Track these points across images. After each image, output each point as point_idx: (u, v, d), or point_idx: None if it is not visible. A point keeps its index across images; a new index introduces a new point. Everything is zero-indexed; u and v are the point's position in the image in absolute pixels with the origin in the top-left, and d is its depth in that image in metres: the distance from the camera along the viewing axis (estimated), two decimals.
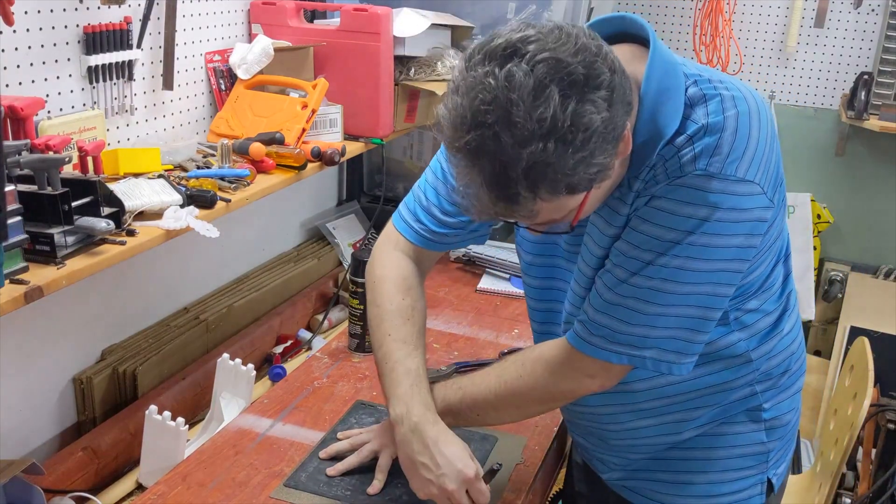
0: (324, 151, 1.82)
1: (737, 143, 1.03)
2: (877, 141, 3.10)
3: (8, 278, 1.19)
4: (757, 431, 1.27)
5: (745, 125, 1.05)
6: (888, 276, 3.17)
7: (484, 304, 2.12)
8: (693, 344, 1.12)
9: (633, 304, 1.09)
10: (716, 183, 1.03)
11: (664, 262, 1.06)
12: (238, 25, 2.01)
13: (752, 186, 1.04)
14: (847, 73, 3.15)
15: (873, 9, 3.07)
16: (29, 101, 1.40)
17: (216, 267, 2.10)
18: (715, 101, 1.06)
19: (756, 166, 1.05)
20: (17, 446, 1.57)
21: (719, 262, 1.07)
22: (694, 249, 1.05)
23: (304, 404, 1.62)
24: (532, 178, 0.94)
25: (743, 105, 1.06)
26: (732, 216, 1.04)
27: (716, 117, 1.04)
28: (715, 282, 1.08)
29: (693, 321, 1.10)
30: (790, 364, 1.28)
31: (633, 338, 1.11)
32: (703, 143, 1.03)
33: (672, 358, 1.12)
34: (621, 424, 1.29)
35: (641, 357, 1.12)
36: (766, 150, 1.07)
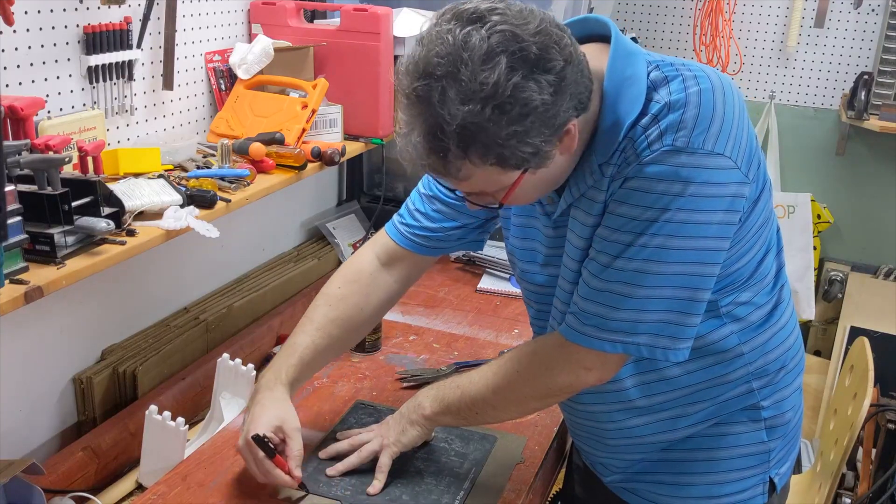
0: (324, 151, 1.82)
1: (701, 117, 1.04)
2: (877, 141, 3.10)
3: (8, 278, 1.19)
4: (757, 431, 1.27)
5: (708, 100, 1.05)
6: (888, 276, 3.17)
7: (484, 304, 2.12)
8: (685, 327, 1.11)
9: (620, 289, 1.10)
10: (684, 157, 1.04)
11: (644, 241, 1.07)
12: (238, 25, 2.01)
13: (723, 160, 1.05)
14: (847, 73, 3.15)
15: (873, 9, 3.07)
16: (29, 101, 1.40)
17: (216, 267, 2.10)
18: (676, 80, 1.07)
19: (725, 140, 1.05)
20: (17, 446, 1.57)
21: (700, 238, 1.07)
22: (672, 227, 1.05)
23: (304, 404, 1.62)
24: (464, 137, 0.99)
25: (705, 82, 1.07)
26: (707, 190, 1.05)
27: (678, 94, 1.06)
28: (698, 261, 1.08)
29: (682, 303, 1.09)
30: (786, 360, 1.28)
31: (625, 324, 1.11)
32: (668, 119, 1.05)
33: (666, 343, 1.11)
34: (617, 423, 1.29)
35: (635, 344, 1.11)
36: (735, 127, 1.07)
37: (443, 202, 1.39)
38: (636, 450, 1.32)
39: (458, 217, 1.39)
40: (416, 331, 1.95)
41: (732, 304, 1.19)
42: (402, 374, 1.73)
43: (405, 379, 1.72)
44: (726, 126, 1.05)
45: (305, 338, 1.41)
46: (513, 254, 1.34)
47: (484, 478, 1.41)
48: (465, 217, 1.39)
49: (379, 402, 1.63)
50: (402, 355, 1.83)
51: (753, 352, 1.23)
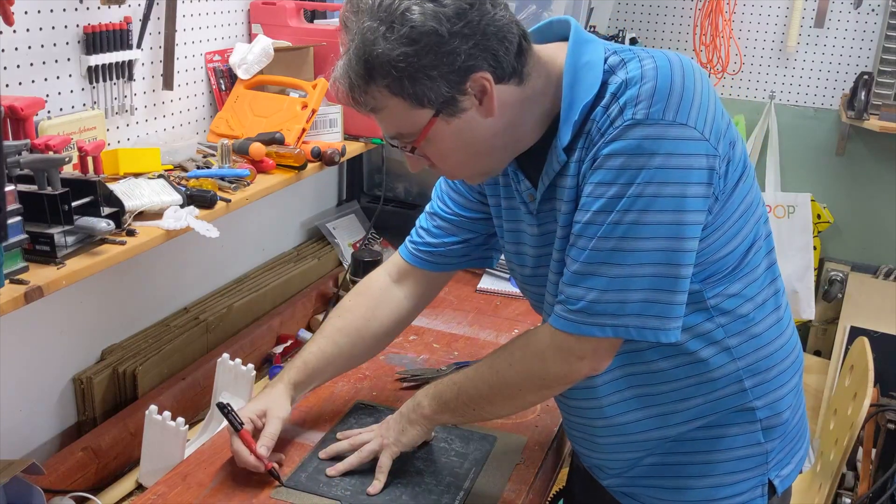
0: (324, 151, 1.82)
1: (659, 89, 1.05)
2: (877, 141, 3.10)
3: (8, 278, 1.19)
4: (753, 432, 1.24)
5: (665, 74, 1.06)
6: (888, 276, 3.17)
7: (484, 304, 2.12)
8: (672, 305, 1.10)
9: (601, 270, 1.09)
10: (646, 129, 1.04)
11: (617, 218, 1.06)
12: (238, 25, 2.01)
13: (686, 129, 1.04)
14: (847, 73, 3.15)
15: (873, 9, 3.07)
16: (29, 101, 1.40)
17: (216, 267, 2.10)
18: (633, 61, 1.09)
19: (686, 110, 1.05)
20: (17, 446, 1.57)
21: (674, 212, 1.06)
22: (643, 201, 1.05)
23: (304, 404, 1.62)
24: (366, 57, 1.04)
25: (662, 60, 1.08)
26: (673, 161, 1.04)
27: (634, 72, 1.07)
28: (675, 235, 1.07)
29: (665, 280, 1.08)
30: (780, 357, 1.25)
31: (610, 305, 1.09)
32: (626, 95, 1.06)
33: (655, 324, 1.10)
34: (607, 420, 1.27)
35: (624, 326, 1.10)
36: (697, 99, 1.06)
37: (442, 218, 1.43)
38: (627, 448, 1.30)
39: (458, 232, 1.42)
40: (416, 331, 1.95)
41: (720, 297, 1.17)
42: (402, 374, 1.73)
43: (405, 379, 1.72)
44: (686, 97, 1.05)
45: (312, 345, 1.47)
46: (510, 261, 1.35)
47: (484, 478, 1.41)
48: (464, 232, 1.42)
49: (379, 402, 1.63)
50: (402, 355, 1.83)
51: (742, 346, 1.20)
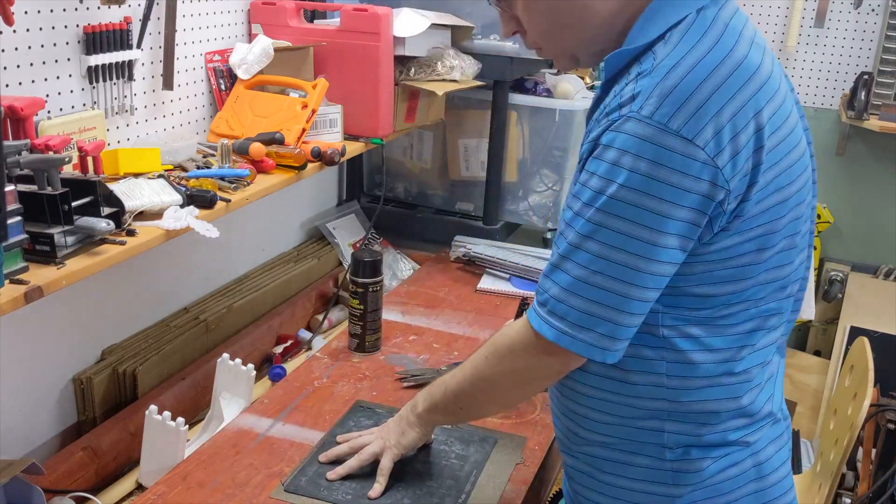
0: (324, 151, 1.82)
1: (678, 89, 0.95)
2: (877, 141, 3.11)
3: (8, 278, 1.19)
4: (662, 469, 1.12)
5: (698, 76, 0.96)
6: (888, 276, 3.17)
7: (484, 304, 2.12)
8: (618, 326, 1.01)
9: (558, 263, 1.04)
10: (645, 128, 0.95)
11: (588, 215, 1.00)
12: (238, 25, 2.01)
13: (690, 147, 0.94)
14: (847, 73, 3.15)
15: (873, 9, 3.07)
16: (29, 101, 1.40)
17: (216, 267, 2.10)
18: (679, 45, 0.99)
19: (699, 126, 0.94)
20: (17, 446, 1.57)
21: (645, 227, 0.97)
22: (613, 204, 0.98)
23: (304, 404, 1.63)
24: None
25: (709, 56, 0.97)
26: (662, 174, 0.95)
27: (670, 60, 0.97)
28: (640, 253, 0.98)
29: (612, 296, 1.00)
30: (719, 417, 1.10)
31: (560, 306, 1.03)
32: (642, 84, 0.98)
33: (593, 339, 1.02)
34: (553, 410, 1.25)
35: (566, 334, 1.04)
36: (725, 117, 0.95)
37: None
38: (560, 443, 1.26)
39: None
40: (416, 331, 1.95)
41: (676, 332, 1.06)
42: (402, 374, 1.73)
43: (405, 379, 1.72)
44: (707, 110, 0.95)
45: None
46: None
47: (484, 479, 1.42)
48: None
49: (379, 403, 1.63)
50: (402, 355, 1.83)
51: (681, 391, 1.09)
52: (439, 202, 2.57)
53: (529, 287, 2.18)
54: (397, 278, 2.39)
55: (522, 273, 2.21)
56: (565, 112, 2.35)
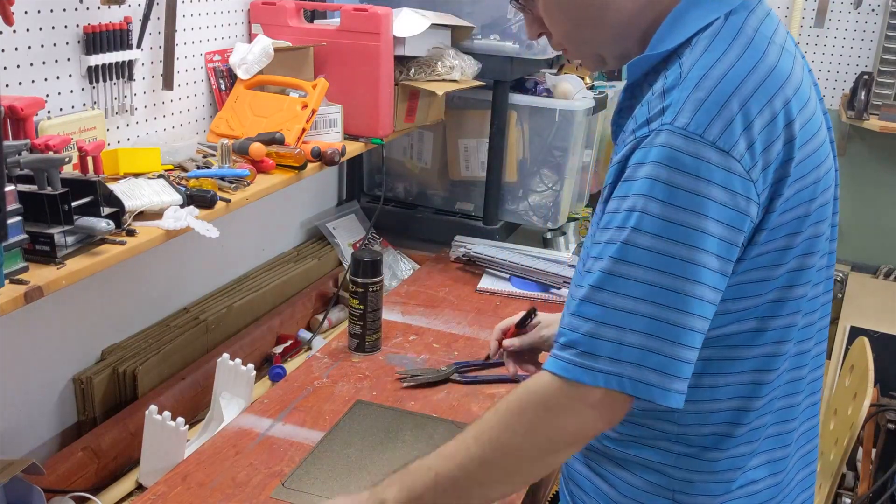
0: (324, 151, 1.82)
1: (710, 103, 0.90)
2: (877, 141, 3.10)
3: (8, 278, 1.19)
4: (664, 497, 1.09)
5: (729, 86, 0.91)
6: (888, 276, 3.17)
7: (484, 304, 2.12)
8: (673, 361, 0.91)
9: (589, 296, 0.93)
10: (682, 141, 0.90)
11: (623, 237, 0.92)
12: (238, 25, 2.01)
13: (728, 159, 0.90)
14: (847, 73, 3.15)
15: (873, 9, 3.07)
16: (29, 101, 1.40)
17: (216, 267, 2.10)
18: (708, 52, 0.94)
19: (733, 139, 0.90)
20: (17, 446, 1.57)
21: (682, 245, 0.90)
22: (650, 222, 0.90)
23: (304, 404, 1.63)
24: None
25: (742, 61, 0.93)
26: (701, 188, 0.89)
27: (699, 70, 0.93)
28: (677, 273, 0.90)
29: (659, 325, 0.91)
30: (726, 443, 1.06)
31: (600, 343, 0.92)
32: (673, 95, 0.93)
33: (653, 379, 0.91)
34: None
35: (618, 376, 0.91)
36: (758, 128, 0.91)
37: None
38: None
39: None
40: (416, 331, 1.95)
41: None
42: (402, 374, 1.73)
43: (405, 379, 1.72)
44: (741, 120, 0.90)
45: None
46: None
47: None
48: None
49: (379, 402, 1.64)
50: (402, 355, 1.83)
51: (688, 415, 1.04)
52: (439, 202, 2.57)
53: (529, 287, 2.19)
54: (397, 278, 2.39)
55: (522, 273, 2.21)
56: (565, 112, 2.35)
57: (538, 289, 2.18)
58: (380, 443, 1.50)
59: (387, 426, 1.55)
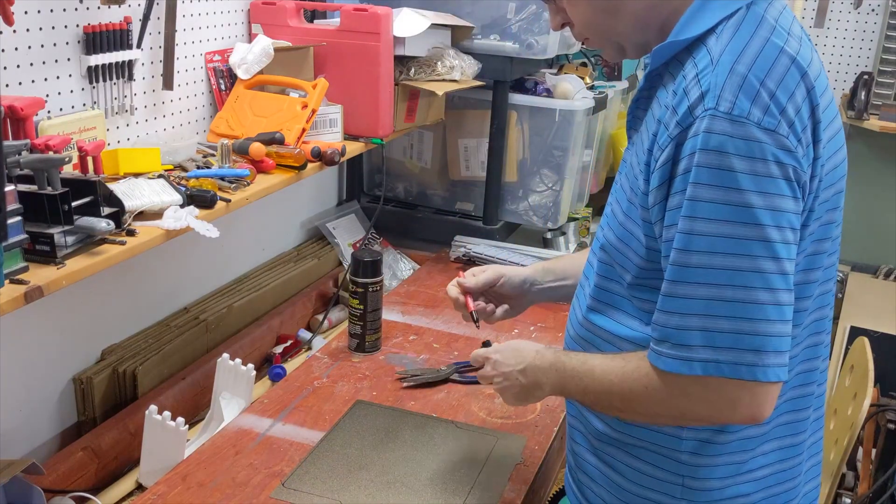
0: (324, 151, 1.82)
1: (747, 86, 0.93)
2: (877, 141, 3.10)
3: (8, 278, 1.19)
4: (674, 483, 1.12)
5: (762, 70, 0.94)
6: (888, 276, 3.17)
7: None
8: (768, 338, 0.94)
9: (672, 291, 0.98)
10: (730, 125, 0.93)
11: (698, 228, 0.95)
12: (238, 25, 2.01)
13: (775, 136, 0.93)
14: (847, 73, 3.15)
15: (873, 9, 3.07)
16: (29, 101, 1.40)
17: (216, 267, 2.10)
18: (734, 40, 0.98)
19: (775, 119, 0.93)
20: (17, 446, 1.57)
21: (753, 226, 0.93)
22: (708, 207, 0.94)
23: (304, 404, 1.63)
24: None
25: (772, 48, 0.96)
26: (758, 167, 0.92)
27: (730, 55, 0.96)
28: (756, 254, 0.93)
29: (746, 307, 0.94)
30: (735, 426, 1.08)
31: (691, 334, 0.96)
32: (709, 80, 0.96)
33: (751, 358, 0.94)
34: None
35: (716, 362, 0.95)
36: (793, 110, 0.94)
37: None
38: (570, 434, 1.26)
39: None
40: (416, 331, 1.95)
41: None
42: (401, 373, 1.73)
43: (405, 379, 1.72)
44: (779, 98, 0.94)
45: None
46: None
47: (484, 478, 1.42)
48: None
49: (379, 402, 1.64)
50: (402, 355, 1.83)
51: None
52: (439, 202, 2.57)
53: None
54: (397, 278, 2.39)
55: None
56: (565, 112, 2.35)
57: None
58: (380, 443, 1.50)
59: (387, 426, 1.55)
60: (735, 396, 0.97)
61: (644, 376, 1.03)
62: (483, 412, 1.62)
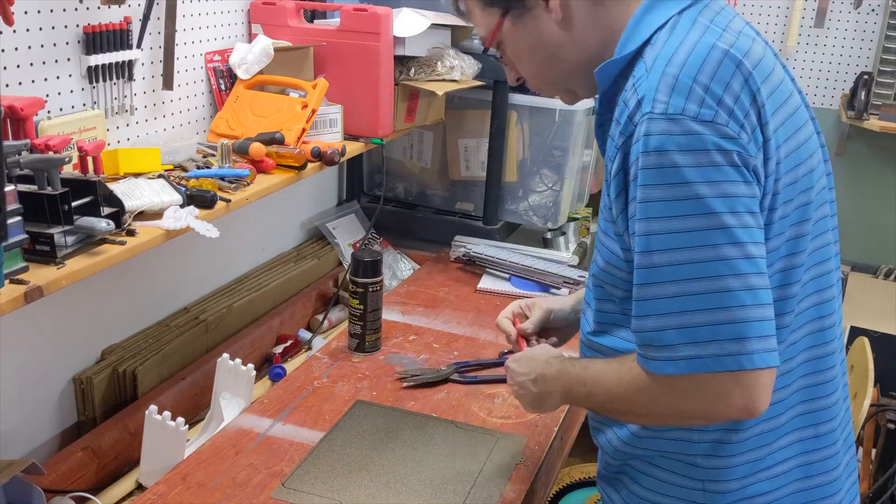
0: (324, 151, 1.82)
1: (679, 84, 0.96)
2: (877, 141, 3.11)
3: (8, 278, 1.19)
4: (694, 489, 1.12)
5: (693, 66, 0.97)
6: (888, 276, 3.17)
7: (484, 304, 2.12)
8: (748, 324, 0.94)
9: (641, 296, 0.99)
10: (667, 124, 0.95)
11: (653, 229, 0.97)
12: (238, 25, 2.01)
13: (713, 126, 0.94)
14: (847, 73, 3.15)
15: (873, 9, 3.07)
16: (29, 101, 1.40)
17: (216, 267, 2.10)
18: (667, 44, 1.01)
19: (712, 110, 0.95)
20: (17, 446, 1.57)
21: (707, 216, 0.94)
22: (659, 206, 0.96)
23: (304, 404, 1.63)
24: None
25: (704, 43, 0.99)
26: (701, 158, 0.94)
27: (662, 60, 0.99)
28: (716, 242, 0.94)
29: (717, 297, 0.94)
30: (746, 422, 1.07)
31: (668, 334, 0.97)
32: (646, 85, 0.99)
33: (733, 348, 0.94)
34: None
35: (698, 357, 0.95)
36: (730, 98, 0.96)
37: None
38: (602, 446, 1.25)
39: None
40: (416, 331, 1.95)
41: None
42: (402, 374, 1.73)
43: (405, 379, 1.72)
44: (714, 90, 0.96)
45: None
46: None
47: (484, 478, 1.42)
48: None
49: (379, 402, 1.64)
50: (402, 355, 1.83)
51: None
52: (439, 202, 2.57)
53: (529, 287, 2.19)
54: (397, 278, 2.39)
55: (522, 273, 2.21)
56: (565, 112, 2.35)
57: (538, 289, 2.18)
58: (380, 443, 1.50)
59: (387, 426, 1.55)
60: (724, 389, 0.97)
61: (637, 377, 1.03)
62: (483, 412, 1.62)
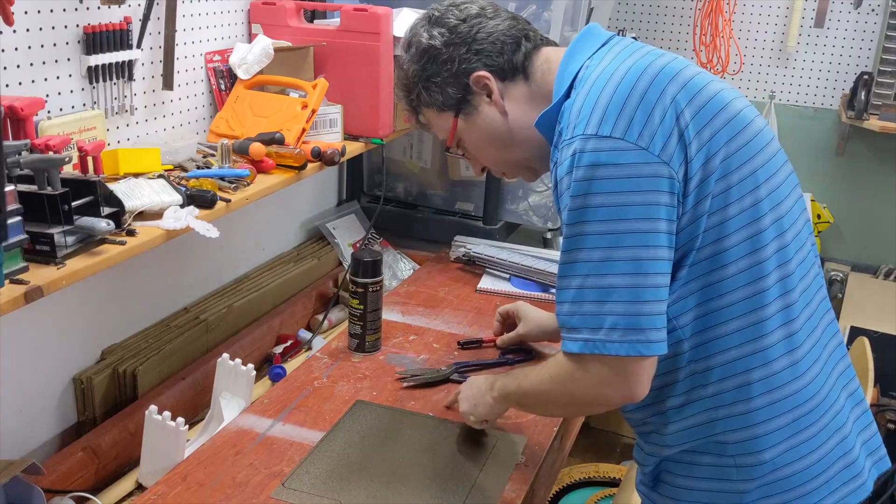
0: (324, 151, 1.82)
1: (598, 108, 1.08)
2: (877, 141, 3.10)
3: (8, 278, 1.19)
4: (725, 466, 1.17)
5: (608, 91, 1.09)
6: (888, 276, 3.17)
7: (484, 304, 2.12)
8: (643, 317, 1.06)
9: (560, 286, 1.12)
10: (588, 142, 1.07)
11: (569, 231, 1.10)
12: (238, 25, 2.01)
13: (632, 146, 1.06)
14: (847, 73, 3.15)
15: (873, 9, 3.07)
16: (29, 101, 1.40)
17: (216, 267, 2.10)
18: (582, 83, 1.15)
19: (632, 130, 1.06)
20: (17, 446, 1.57)
21: (617, 221, 1.06)
22: (589, 212, 1.07)
23: (304, 404, 1.63)
24: (401, 81, 1.33)
25: (603, 78, 1.12)
26: (609, 172, 1.06)
27: (582, 94, 1.12)
28: (628, 245, 1.06)
29: (619, 291, 1.06)
30: (758, 389, 1.14)
31: (574, 318, 1.10)
32: (565, 120, 1.14)
33: (634, 336, 1.06)
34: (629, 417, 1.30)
35: (592, 340, 1.08)
36: (635, 111, 1.07)
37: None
38: (639, 457, 1.31)
39: None
40: (416, 331, 1.95)
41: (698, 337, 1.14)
42: (401, 374, 1.73)
43: (405, 379, 1.72)
44: (613, 111, 1.08)
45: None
46: None
47: (484, 478, 1.42)
48: None
49: (379, 402, 1.64)
50: (402, 355, 1.83)
51: (710, 372, 1.14)
52: (439, 202, 2.57)
53: (529, 287, 2.18)
54: (397, 278, 2.39)
55: (522, 273, 2.21)
56: None
57: (538, 289, 2.18)
58: (380, 443, 1.50)
59: (387, 426, 1.55)
60: (617, 372, 1.09)
61: (553, 360, 1.19)
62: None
